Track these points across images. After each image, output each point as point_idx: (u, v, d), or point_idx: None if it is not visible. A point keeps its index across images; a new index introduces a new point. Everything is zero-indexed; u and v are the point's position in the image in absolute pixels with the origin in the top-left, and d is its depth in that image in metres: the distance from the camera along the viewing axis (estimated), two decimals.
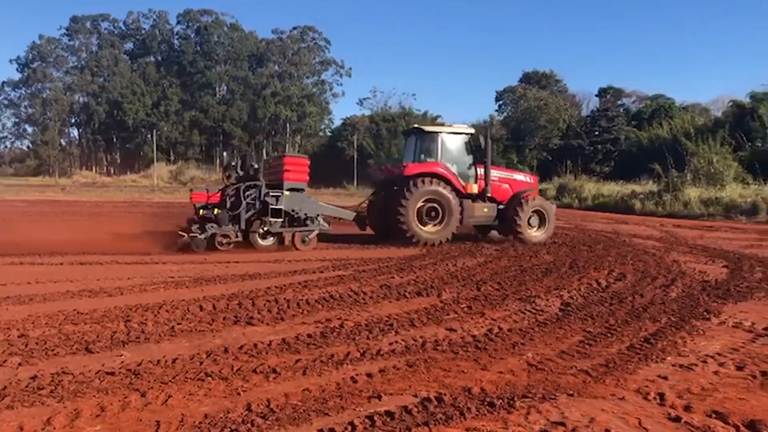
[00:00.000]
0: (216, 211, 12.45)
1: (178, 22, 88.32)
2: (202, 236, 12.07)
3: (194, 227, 12.30)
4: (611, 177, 45.42)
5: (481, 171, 14.73)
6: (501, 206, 14.81)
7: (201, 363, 4.75)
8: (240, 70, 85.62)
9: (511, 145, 72.59)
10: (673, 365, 4.81)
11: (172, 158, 79.81)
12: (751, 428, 3.52)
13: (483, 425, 3.58)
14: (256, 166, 13.38)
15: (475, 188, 14.63)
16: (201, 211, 12.60)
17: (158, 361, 4.76)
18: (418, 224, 13.86)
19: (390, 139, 67.94)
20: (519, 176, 16.00)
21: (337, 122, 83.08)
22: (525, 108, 75.47)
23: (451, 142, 14.81)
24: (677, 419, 3.68)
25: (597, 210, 31.77)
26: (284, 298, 7.36)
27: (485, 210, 14.61)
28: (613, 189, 35.41)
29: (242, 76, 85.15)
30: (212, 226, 12.21)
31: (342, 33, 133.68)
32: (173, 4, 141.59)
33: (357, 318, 6.40)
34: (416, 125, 16.21)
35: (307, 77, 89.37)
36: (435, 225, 14.01)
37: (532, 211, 14.70)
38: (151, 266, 10.10)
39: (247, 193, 12.62)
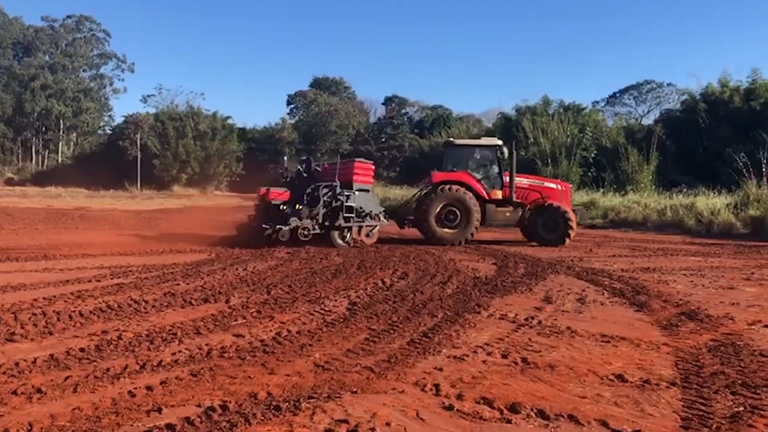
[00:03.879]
0: (297, 206, 14.34)
1: None
2: (286, 228, 13.85)
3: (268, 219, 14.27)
4: (397, 182, 47.78)
5: (507, 179, 16.29)
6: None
7: None
8: (3, 58, 76.52)
9: (303, 149, 73.25)
10: (448, 357, 5.15)
11: None
12: (513, 410, 3.88)
13: (268, 429, 3.55)
14: (319, 169, 15.72)
15: (499, 194, 16.28)
16: (282, 207, 14.58)
17: None
18: (438, 226, 15.69)
19: (177, 139, 65.07)
20: (550, 184, 17.31)
21: (119, 120, 77.60)
22: (316, 113, 76.69)
23: (478, 153, 17.12)
24: (450, 408, 3.94)
25: None
26: (53, 311, 6.69)
27: (507, 214, 16.22)
28: (399, 193, 37.24)
29: (6, 66, 76.17)
30: (294, 220, 13.98)
31: (123, 26, 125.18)
32: None
33: (137, 328, 6.01)
34: (450, 139, 18.35)
35: (83, 70, 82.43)
36: (453, 227, 15.70)
37: (542, 216, 15.96)
38: None
39: (324, 191, 14.46)
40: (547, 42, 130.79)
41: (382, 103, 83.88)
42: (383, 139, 71.73)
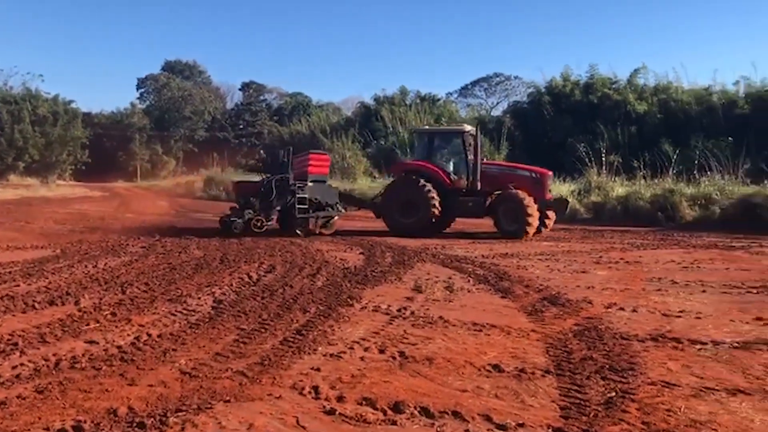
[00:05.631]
0: (251, 199, 14.84)
1: None
2: (240, 220, 14.50)
3: (233, 212, 14.89)
4: (257, 170, 46.69)
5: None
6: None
7: None
8: None
9: (155, 136, 69.82)
10: (324, 355, 4.96)
11: None
12: (396, 410, 3.76)
13: None
14: (285, 160, 15.48)
15: (464, 183, 15.62)
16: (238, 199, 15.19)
17: None
18: (397, 216, 15.55)
19: (12, 124, 59.53)
20: (523, 171, 16.13)
21: None
22: (169, 98, 73.33)
23: (444, 141, 16.73)
24: (332, 412, 3.76)
25: None
26: None
27: (470, 204, 15.45)
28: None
29: None
30: (249, 212, 14.50)
31: None
32: None
33: None
34: (424, 126, 18.36)
35: None
36: (411, 217, 15.33)
37: (502, 205, 14.99)
38: None
39: (278, 184, 14.78)
40: (403, 32, 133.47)
41: (240, 89, 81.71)
42: (241, 126, 70.02)
